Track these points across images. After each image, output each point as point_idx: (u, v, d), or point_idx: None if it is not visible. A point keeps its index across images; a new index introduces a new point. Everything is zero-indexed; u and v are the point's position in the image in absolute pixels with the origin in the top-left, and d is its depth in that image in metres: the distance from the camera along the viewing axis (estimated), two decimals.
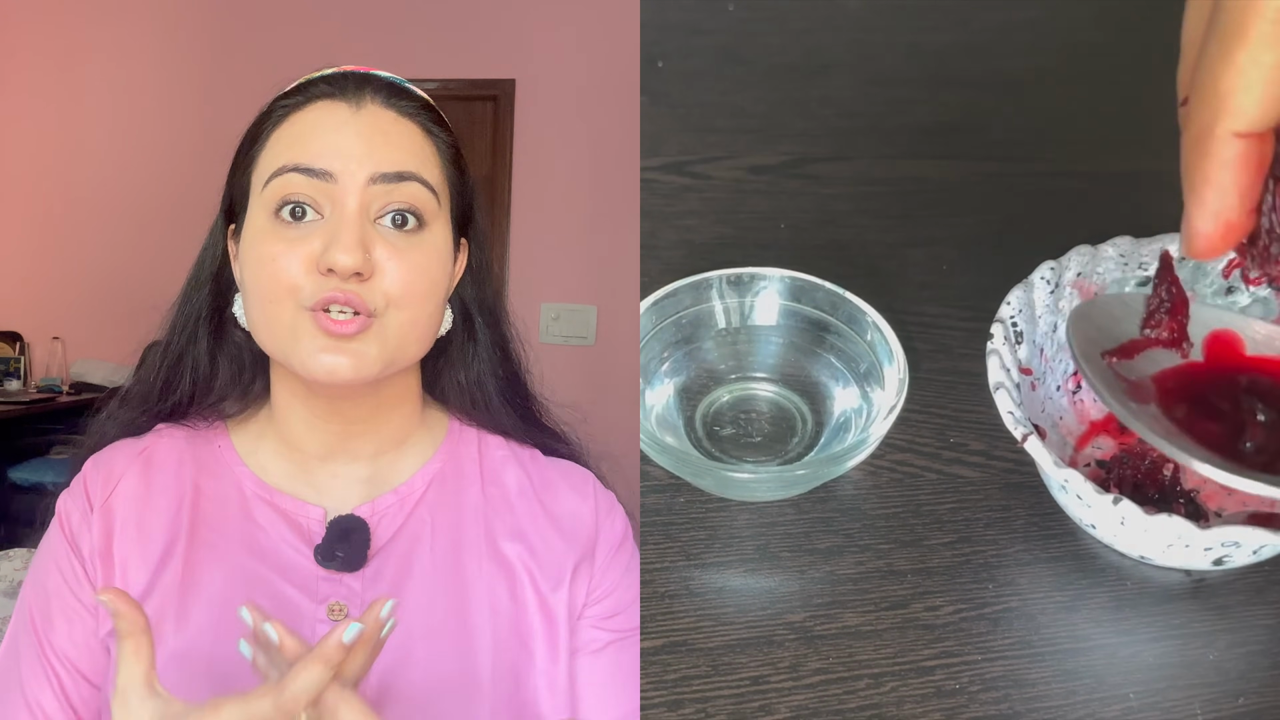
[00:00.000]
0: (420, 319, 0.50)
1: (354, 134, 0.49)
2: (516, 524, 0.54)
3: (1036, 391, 0.65)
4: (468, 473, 0.55)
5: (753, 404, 0.72)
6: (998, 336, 0.62)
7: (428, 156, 0.51)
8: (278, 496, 0.53)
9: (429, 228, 0.50)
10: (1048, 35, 1.05)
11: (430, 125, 0.52)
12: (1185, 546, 0.56)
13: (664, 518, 0.66)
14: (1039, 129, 0.95)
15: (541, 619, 0.52)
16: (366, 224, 0.48)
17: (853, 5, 1.08)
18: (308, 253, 0.48)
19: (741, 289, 0.72)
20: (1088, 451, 0.67)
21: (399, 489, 0.53)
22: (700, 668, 0.59)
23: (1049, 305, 0.66)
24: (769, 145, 0.93)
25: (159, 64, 2.39)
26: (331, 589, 0.51)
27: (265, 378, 0.55)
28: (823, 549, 0.65)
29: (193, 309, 0.54)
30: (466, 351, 0.56)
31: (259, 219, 0.49)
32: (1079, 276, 0.66)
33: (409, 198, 0.49)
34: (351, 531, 0.51)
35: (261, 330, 0.50)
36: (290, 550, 0.51)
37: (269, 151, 0.50)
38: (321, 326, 0.47)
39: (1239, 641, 0.60)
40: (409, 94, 0.52)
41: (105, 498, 0.52)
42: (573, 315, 2.01)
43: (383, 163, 0.49)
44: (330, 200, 0.48)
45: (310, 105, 0.50)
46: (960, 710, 0.57)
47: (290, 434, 0.53)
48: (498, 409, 0.56)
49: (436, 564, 0.52)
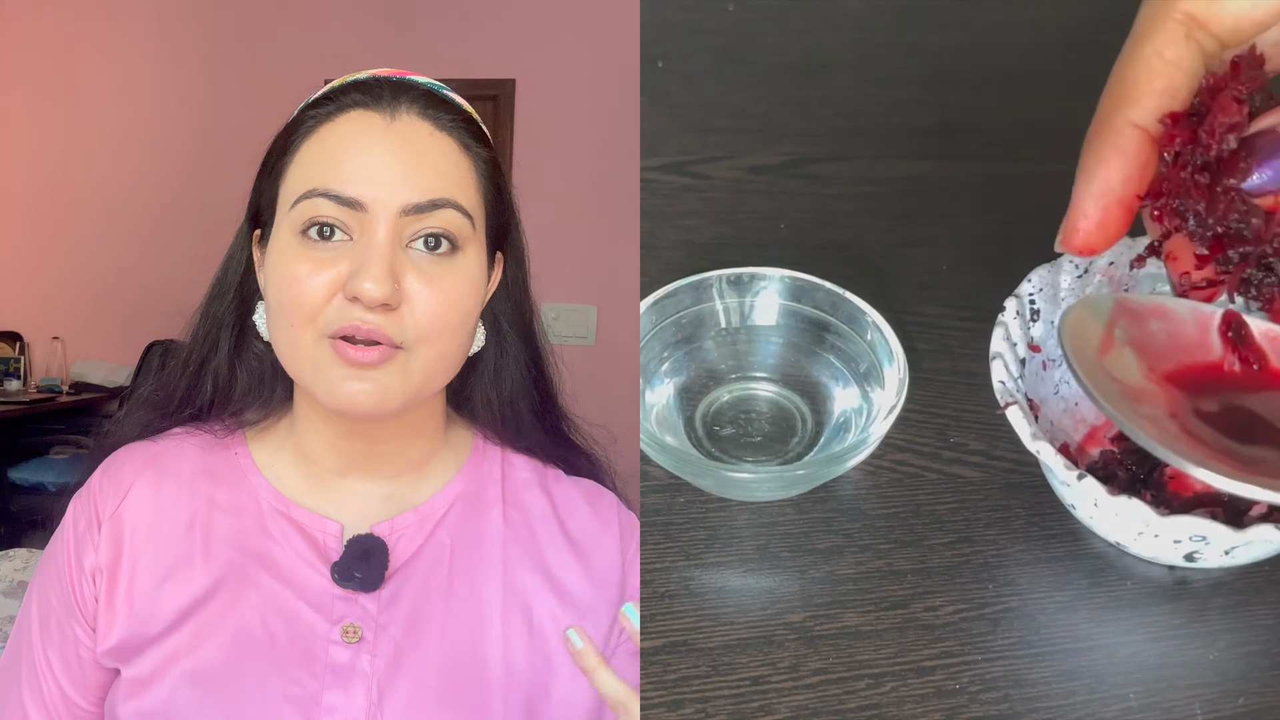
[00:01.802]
0: (449, 352, 0.49)
1: (387, 153, 0.47)
2: (538, 552, 0.52)
3: (1049, 371, 0.65)
4: (489, 496, 0.53)
5: (753, 404, 0.72)
6: (1009, 310, 0.63)
7: (464, 176, 0.49)
8: (294, 510, 0.51)
9: (463, 251, 0.48)
10: (1048, 35, 1.05)
11: (469, 140, 0.50)
12: (1155, 536, 0.56)
13: (664, 518, 0.66)
14: (1039, 129, 0.95)
15: (561, 650, 0.50)
16: (398, 250, 0.46)
17: (853, 5, 1.08)
18: (334, 276, 0.46)
19: (741, 289, 0.72)
20: (1100, 438, 0.67)
21: (419, 509, 0.52)
22: (700, 668, 0.59)
23: (1074, 289, 0.66)
24: (769, 145, 0.93)
25: (159, 64, 2.39)
26: (346, 609, 0.50)
27: (286, 387, 0.53)
28: (823, 549, 0.65)
29: (215, 317, 0.53)
30: (499, 368, 0.54)
31: (285, 236, 0.48)
32: (1111, 265, 0.66)
33: (443, 224, 0.47)
34: (371, 552, 0.50)
35: (283, 352, 0.48)
36: (305, 566, 0.50)
37: (298, 166, 0.48)
38: (341, 355, 0.46)
39: (1239, 641, 0.60)
40: (447, 104, 0.50)
41: (114, 509, 0.51)
42: (573, 315, 2.01)
43: (416, 191, 0.47)
44: (360, 225, 0.46)
45: (341, 116, 0.48)
46: (960, 710, 0.57)
47: (309, 449, 0.52)
48: (529, 428, 0.55)
49: (454, 589, 0.51)
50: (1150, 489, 0.64)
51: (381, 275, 0.45)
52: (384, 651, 0.50)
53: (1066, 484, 0.57)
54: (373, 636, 0.50)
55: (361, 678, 0.49)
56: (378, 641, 0.50)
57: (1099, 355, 0.55)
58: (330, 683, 0.49)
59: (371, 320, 0.45)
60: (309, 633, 0.49)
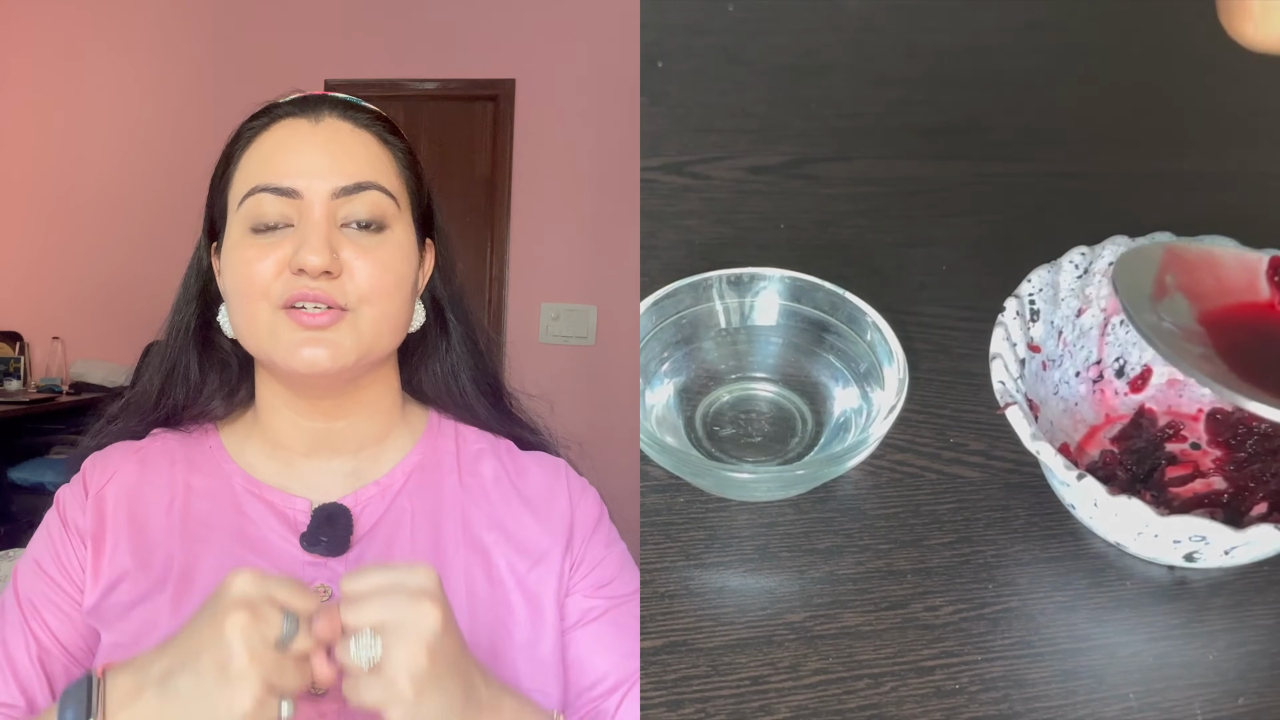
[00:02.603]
0: (390, 311, 0.53)
1: (315, 148, 0.53)
2: (493, 511, 0.56)
3: (1048, 372, 0.65)
4: (446, 464, 0.57)
5: (753, 404, 0.72)
6: (1009, 310, 0.63)
7: (385, 164, 0.55)
8: (265, 490, 0.55)
9: (391, 229, 0.53)
10: (1048, 35, 1.05)
11: (385, 134, 0.56)
12: (1154, 536, 0.57)
13: (664, 518, 0.66)
14: (1039, 129, 0.95)
15: (520, 596, 0.54)
16: (333, 229, 0.52)
17: (853, 5, 1.08)
18: (280, 256, 0.51)
19: (741, 289, 0.72)
20: (1099, 439, 0.67)
21: (380, 480, 0.56)
22: (700, 668, 0.59)
23: (1074, 289, 0.66)
24: (769, 145, 0.93)
25: (160, 64, 2.39)
26: (317, 573, 0.53)
27: (250, 383, 0.57)
28: (823, 549, 0.65)
29: (182, 321, 0.58)
30: (440, 345, 0.59)
31: (236, 234, 0.53)
32: (1111, 266, 0.66)
33: (370, 205, 0.53)
34: (335, 517, 0.53)
35: (244, 331, 0.53)
36: (278, 539, 0.54)
37: (241, 172, 0.54)
38: (296, 321, 0.51)
39: (1239, 641, 0.60)
40: (363, 108, 0.56)
41: (100, 486, 0.55)
42: (573, 315, 2.01)
43: (343, 176, 0.52)
44: (298, 212, 0.52)
45: (274, 125, 0.54)
46: (960, 710, 0.57)
47: (275, 433, 0.56)
48: (472, 399, 0.59)
49: (416, 550, 0.54)
50: (1150, 489, 0.64)
51: (320, 246, 0.51)
52: None
53: (1066, 484, 0.57)
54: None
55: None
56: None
57: (1152, 301, 0.57)
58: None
59: (316, 286, 0.51)
60: None
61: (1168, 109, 0.95)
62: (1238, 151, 0.91)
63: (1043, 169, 0.92)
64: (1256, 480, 0.64)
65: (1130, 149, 0.92)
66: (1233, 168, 0.89)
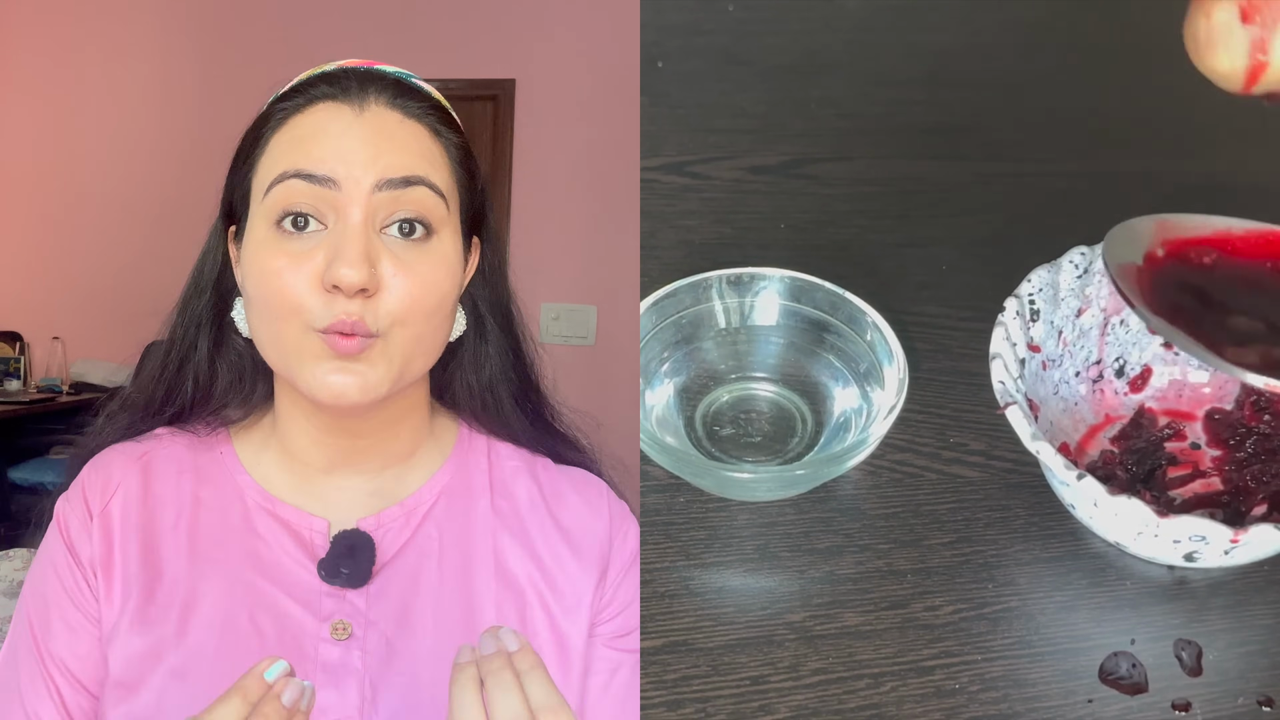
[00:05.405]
0: (426, 334, 0.48)
1: (358, 138, 0.47)
2: (529, 542, 0.52)
3: (1048, 372, 0.65)
4: (477, 485, 0.53)
5: (753, 404, 0.72)
6: (1009, 310, 0.63)
7: (436, 159, 0.49)
8: (280, 507, 0.51)
9: (437, 235, 0.48)
10: (1048, 35, 1.05)
11: (439, 126, 0.50)
12: (1154, 536, 0.57)
13: (664, 518, 0.66)
14: (1039, 129, 0.95)
15: (552, 643, 0.51)
16: (372, 235, 0.46)
17: (853, 5, 1.08)
18: (312, 269, 0.46)
19: (741, 289, 0.72)
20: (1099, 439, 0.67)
21: (405, 502, 0.52)
22: (700, 668, 0.59)
23: (1074, 289, 0.66)
24: (769, 145, 0.93)
25: (159, 63, 2.39)
26: (335, 606, 0.50)
27: (267, 384, 0.53)
28: (823, 549, 0.65)
29: (193, 315, 0.53)
30: (479, 354, 0.54)
31: (260, 229, 0.47)
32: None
33: (416, 204, 0.47)
34: (357, 547, 0.50)
35: (267, 346, 0.48)
36: (293, 564, 0.50)
37: (269, 156, 0.48)
38: (332, 347, 0.46)
39: (1239, 641, 0.60)
40: (416, 92, 0.50)
41: (104, 505, 0.51)
42: (573, 315, 2.01)
43: (388, 168, 0.47)
44: (334, 209, 0.46)
45: (311, 108, 0.48)
46: (960, 710, 0.57)
47: (294, 446, 0.52)
48: (510, 413, 0.55)
49: (444, 581, 0.51)
50: (1150, 489, 0.64)
51: (357, 259, 0.45)
52: (374, 647, 0.49)
53: (1066, 484, 0.57)
54: (363, 633, 0.49)
55: (353, 675, 0.49)
56: (368, 637, 0.49)
57: (1143, 272, 0.58)
58: (322, 682, 0.48)
59: (354, 311, 0.45)
60: (298, 630, 0.49)
61: (1167, 109, 0.95)
62: (1238, 151, 0.91)
63: (1043, 169, 0.92)
64: (1256, 480, 0.64)
65: (1129, 149, 0.92)
66: (1233, 168, 0.89)
